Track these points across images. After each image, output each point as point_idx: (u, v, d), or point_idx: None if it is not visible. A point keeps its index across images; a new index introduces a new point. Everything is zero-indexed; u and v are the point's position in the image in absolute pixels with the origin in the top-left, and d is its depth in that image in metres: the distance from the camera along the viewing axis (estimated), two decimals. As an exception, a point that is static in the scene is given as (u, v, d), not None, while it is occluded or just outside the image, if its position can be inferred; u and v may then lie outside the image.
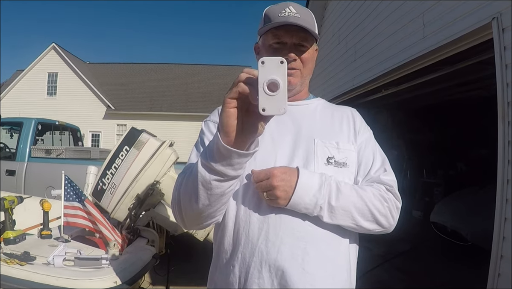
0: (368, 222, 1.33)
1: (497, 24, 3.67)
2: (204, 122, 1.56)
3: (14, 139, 7.61)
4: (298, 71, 1.46)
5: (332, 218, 1.29)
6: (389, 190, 1.39)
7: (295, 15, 1.39)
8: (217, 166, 1.09)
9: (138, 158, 3.07)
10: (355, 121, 1.53)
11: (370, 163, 1.45)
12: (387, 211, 1.36)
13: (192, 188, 1.18)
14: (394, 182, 1.43)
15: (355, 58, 7.75)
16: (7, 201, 2.71)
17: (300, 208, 1.27)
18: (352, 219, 1.31)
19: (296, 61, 1.43)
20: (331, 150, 1.40)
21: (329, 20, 9.90)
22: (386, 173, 1.44)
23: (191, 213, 1.26)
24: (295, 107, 1.50)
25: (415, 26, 5.30)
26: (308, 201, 1.26)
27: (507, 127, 3.57)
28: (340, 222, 1.30)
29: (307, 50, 1.45)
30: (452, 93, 8.09)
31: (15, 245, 2.55)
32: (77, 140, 9.46)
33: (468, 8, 4.16)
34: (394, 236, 4.87)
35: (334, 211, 1.28)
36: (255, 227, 1.31)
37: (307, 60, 1.46)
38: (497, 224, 3.58)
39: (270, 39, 1.44)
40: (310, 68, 1.51)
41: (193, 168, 1.19)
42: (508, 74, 3.57)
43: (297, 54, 1.43)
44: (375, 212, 1.33)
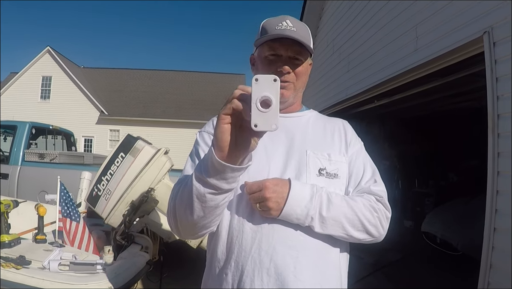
0: (359, 232, 1.36)
1: (488, 38, 3.73)
2: (198, 133, 1.58)
3: (8, 143, 7.60)
4: (292, 84, 1.47)
5: (323, 228, 1.31)
6: (379, 200, 1.42)
7: (292, 29, 1.42)
8: (211, 180, 1.12)
9: (133, 165, 3.09)
10: (346, 133, 1.56)
11: (360, 174, 1.47)
12: (377, 221, 1.38)
13: (187, 200, 1.21)
14: (384, 193, 1.45)
15: (348, 68, 7.81)
16: (3, 205, 2.73)
17: (292, 219, 1.30)
18: (343, 229, 1.33)
19: (290, 74, 1.45)
20: (322, 161, 1.42)
21: (323, 30, 9.97)
22: (377, 184, 1.46)
23: (186, 223, 1.29)
24: (288, 119, 1.52)
25: (408, 38, 5.36)
26: (300, 212, 1.29)
27: (497, 139, 3.63)
28: (331, 232, 1.33)
29: (301, 63, 1.47)
30: (444, 104, 8.15)
31: (10, 249, 2.56)
32: (71, 145, 9.44)
33: (460, 22, 4.23)
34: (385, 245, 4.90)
35: (325, 222, 1.31)
36: (248, 236, 1.33)
37: (301, 73, 1.48)
38: (487, 234, 3.63)
39: (266, 51, 1.46)
40: (303, 82, 1.53)
41: (188, 181, 1.22)
42: (499, 87, 3.63)
43: (291, 67, 1.45)
44: (365, 222, 1.35)
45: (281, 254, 1.30)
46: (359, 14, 7.31)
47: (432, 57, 4.69)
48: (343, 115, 8.61)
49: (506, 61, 3.53)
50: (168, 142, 18.84)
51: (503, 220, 3.47)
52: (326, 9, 9.89)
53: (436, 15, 4.72)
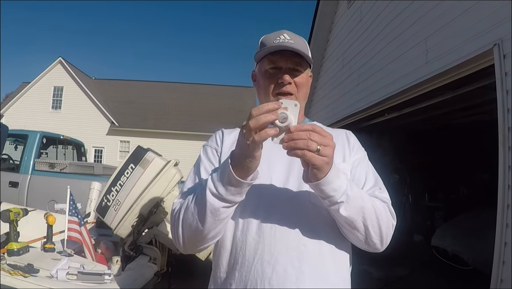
0: (372, 227, 1.29)
1: (498, 51, 3.73)
2: (202, 148, 1.60)
3: (19, 151, 7.66)
4: (293, 96, 1.47)
5: (347, 209, 1.23)
6: (386, 205, 1.39)
7: (289, 41, 1.44)
8: (227, 196, 1.19)
9: (143, 176, 3.10)
10: (349, 142, 1.55)
11: (362, 181, 1.45)
12: (388, 222, 1.34)
13: (199, 215, 1.25)
14: (389, 200, 1.41)
15: (358, 82, 7.81)
16: (12, 213, 2.75)
17: (328, 189, 1.20)
18: (363, 215, 1.26)
19: (291, 84, 1.45)
20: None
21: (333, 44, 10.00)
22: (381, 190, 1.43)
23: (194, 237, 1.32)
24: None
25: (418, 51, 5.36)
26: (339, 183, 1.20)
27: (508, 152, 3.61)
28: (353, 216, 1.25)
29: (301, 74, 1.48)
30: (454, 117, 8.11)
31: (18, 256, 2.57)
32: (81, 155, 9.50)
33: (470, 34, 4.23)
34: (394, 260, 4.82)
35: (350, 201, 1.23)
36: (251, 247, 1.33)
37: (302, 84, 1.48)
38: (497, 248, 3.60)
39: (266, 64, 1.48)
40: (304, 93, 1.52)
41: (198, 196, 1.26)
42: (509, 100, 3.62)
43: (292, 79, 1.45)
44: (380, 217, 1.30)
45: (283, 264, 1.30)
46: (369, 27, 7.33)
47: (443, 70, 4.68)
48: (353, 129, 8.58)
49: (517, 73, 3.52)
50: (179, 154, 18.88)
51: (514, 234, 3.44)
52: (336, 23, 9.94)
53: (446, 28, 4.72)
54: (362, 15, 7.82)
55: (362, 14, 7.79)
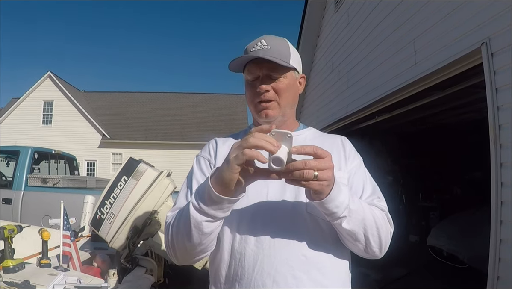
0: (372, 237, 1.31)
1: (486, 49, 3.76)
2: (196, 158, 1.60)
3: (11, 168, 7.62)
4: (274, 102, 1.46)
5: (349, 222, 1.24)
6: (384, 213, 1.39)
7: (265, 48, 1.42)
8: (209, 210, 1.19)
9: (136, 188, 3.09)
10: (345, 149, 1.53)
11: (360, 191, 1.43)
12: (387, 231, 1.35)
13: (184, 228, 1.26)
14: (386, 208, 1.42)
15: (348, 85, 7.85)
16: (6, 230, 2.72)
17: (331, 206, 1.20)
18: (364, 227, 1.28)
19: (269, 92, 1.44)
20: None
21: (322, 48, 10.04)
22: (379, 199, 1.43)
23: (184, 250, 1.34)
24: None
25: (406, 52, 5.40)
26: (342, 199, 1.20)
27: (499, 150, 3.64)
28: (354, 229, 1.26)
29: (279, 79, 1.44)
30: (445, 117, 8.17)
31: (14, 273, 2.55)
32: (73, 169, 9.46)
33: (457, 34, 4.27)
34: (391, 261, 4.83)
35: (352, 215, 1.24)
36: (250, 258, 1.33)
37: (282, 89, 1.45)
38: (493, 245, 3.62)
39: (247, 75, 1.48)
40: (288, 97, 1.49)
41: (184, 210, 1.27)
42: (499, 97, 3.65)
43: (269, 85, 1.44)
44: (380, 227, 1.32)
45: (283, 274, 1.29)
46: (357, 31, 7.37)
47: (431, 71, 4.71)
48: (345, 132, 8.66)
49: (505, 71, 3.55)
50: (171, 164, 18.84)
51: (509, 231, 3.46)
52: (324, 27, 9.98)
53: (433, 29, 4.75)
54: (349, 19, 7.86)
55: (350, 18, 7.84)
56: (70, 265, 3.03)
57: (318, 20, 10.22)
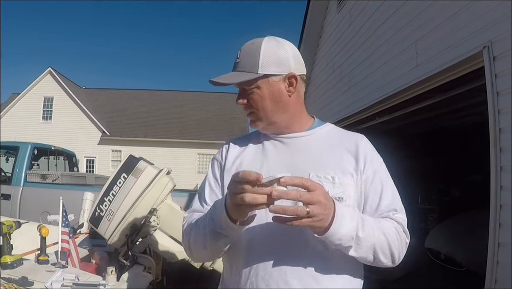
0: (384, 256, 1.31)
1: (488, 53, 3.75)
2: (211, 160, 1.64)
3: (10, 163, 7.61)
4: (253, 113, 1.46)
5: (357, 250, 1.24)
6: (400, 226, 1.38)
7: (237, 61, 1.44)
8: (226, 232, 1.27)
9: (135, 185, 3.09)
10: (358, 152, 1.46)
11: (376, 202, 1.40)
12: (400, 246, 1.34)
13: (203, 243, 1.37)
14: (403, 221, 1.40)
15: (349, 86, 7.84)
16: (5, 226, 2.72)
17: (334, 239, 1.20)
18: (374, 252, 1.27)
19: (246, 105, 1.46)
20: (325, 184, 1.34)
21: (324, 48, 10.03)
22: (397, 212, 1.40)
23: (201, 255, 1.51)
24: (293, 140, 1.50)
25: (408, 54, 5.39)
26: (344, 232, 1.19)
27: (499, 153, 3.64)
28: (363, 255, 1.27)
29: (252, 91, 1.43)
30: (445, 119, 8.16)
31: (12, 269, 2.55)
32: (73, 166, 9.45)
33: (459, 37, 4.26)
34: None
35: (360, 243, 1.23)
36: (251, 263, 1.37)
37: (257, 100, 1.43)
38: (491, 249, 3.62)
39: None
40: (268, 105, 1.45)
41: (201, 226, 1.37)
42: (500, 101, 3.64)
43: (243, 97, 1.46)
44: (392, 245, 1.31)
45: (275, 280, 1.33)
46: (359, 31, 7.37)
47: (433, 73, 4.70)
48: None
49: (506, 75, 3.55)
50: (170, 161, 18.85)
51: (507, 234, 3.46)
52: (326, 28, 9.98)
53: (435, 31, 4.75)
54: (351, 19, 7.86)
55: (352, 19, 7.83)
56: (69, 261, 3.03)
57: (320, 20, 10.21)
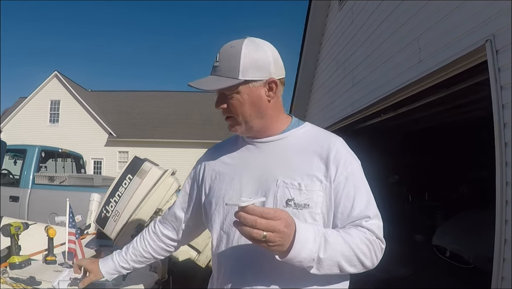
0: (353, 267, 1.30)
1: (490, 46, 3.73)
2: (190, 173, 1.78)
3: (18, 166, 7.67)
4: (232, 118, 1.47)
5: (319, 269, 1.24)
6: (373, 234, 1.35)
7: (216, 65, 1.44)
8: None
9: (141, 186, 3.11)
10: (329, 156, 1.42)
11: (348, 208, 1.37)
12: (372, 254, 1.33)
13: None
14: (378, 228, 1.37)
15: (353, 83, 7.83)
16: (13, 227, 2.75)
17: (294, 262, 1.21)
18: (338, 267, 1.27)
19: (225, 109, 1.47)
20: (292, 191, 1.37)
21: (327, 46, 10.03)
22: (371, 218, 1.36)
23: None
24: (267, 144, 1.51)
25: (411, 50, 5.38)
26: (304, 256, 1.20)
27: (504, 148, 3.61)
28: (326, 272, 1.26)
29: (231, 96, 1.43)
30: (451, 115, 8.13)
31: (20, 269, 2.57)
32: (80, 168, 9.51)
33: (461, 31, 4.25)
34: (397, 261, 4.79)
35: (322, 263, 1.23)
36: (227, 265, 1.46)
37: (235, 105, 1.44)
38: (497, 245, 3.59)
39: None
40: (247, 111, 1.45)
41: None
42: (504, 95, 3.62)
43: (222, 102, 1.47)
44: (361, 256, 1.30)
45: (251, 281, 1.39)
46: (361, 28, 7.36)
47: (436, 68, 4.69)
48: (350, 130, 8.66)
49: (509, 68, 3.53)
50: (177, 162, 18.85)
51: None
52: (328, 25, 9.97)
53: (437, 26, 4.73)
54: (353, 17, 7.85)
55: (354, 16, 7.83)
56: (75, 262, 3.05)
57: (323, 18, 10.21)
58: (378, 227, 1.37)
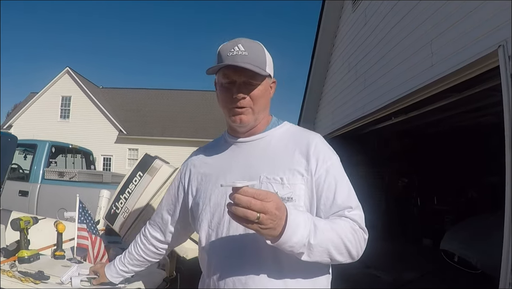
0: (341, 255, 1.33)
1: (503, 52, 3.70)
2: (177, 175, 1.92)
3: (28, 161, 7.73)
4: (249, 108, 1.48)
5: (310, 255, 1.26)
6: (356, 224, 1.39)
7: (243, 54, 1.42)
8: None
9: (151, 184, 3.12)
10: (308, 151, 1.48)
11: (330, 199, 1.42)
12: (357, 243, 1.36)
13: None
14: (360, 218, 1.41)
15: (365, 86, 7.80)
16: (22, 222, 2.78)
17: (285, 247, 1.22)
18: (328, 254, 1.30)
19: (245, 99, 1.46)
20: (275, 186, 1.41)
21: (339, 48, 10.01)
22: (353, 209, 1.41)
23: None
24: (248, 143, 1.58)
25: (423, 54, 5.35)
26: (296, 240, 1.21)
27: (515, 154, 3.58)
28: (317, 259, 1.29)
29: (256, 87, 1.46)
30: (462, 119, 8.10)
31: (29, 264, 2.60)
32: (90, 164, 9.57)
33: (474, 36, 4.21)
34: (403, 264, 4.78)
35: (312, 249, 1.25)
36: (217, 260, 1.50)
37: (257, 96, 1.48)
38: (505, 251, 3.55)
39: (221, 78, 1.49)
40: (262, 104, 1.52)
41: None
42: (515, 101, 3.59)
43: (246, 92, 1.46)
44: (348, 244, 1.33)
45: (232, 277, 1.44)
46: (374, 31, 7.34)
47: (448, 73, 4.66)
48: (361, 133, 8.64)
49: (521, 74, 3.49)
50: (186, 160, 18.76)
51: (522, 237, 3.41)
52: (341, 27, 9.95)
53: (450, 30, 4.71)
54: (367, 19, 7.83)
55: (367, 18, 7.80)
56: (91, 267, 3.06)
57: (336, 20, 10.19)
58: (360, 217, 1.41)
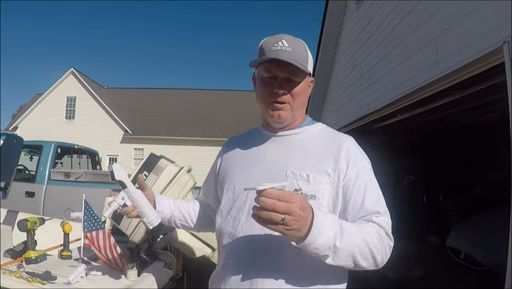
0: (365, 261, 1.30)
1: (508, 48, 3.68)
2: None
3: (34, 162, 7.76)
4: (288, 104, 1.48)
5: (335, 259, 1.24)
6: (382, 230, 1.37)
7: (287, 49, 1.42)
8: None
9: (156, 183, 3.13)
10: (340, 152, 1.46)
11: (359, 204, 1.39)
12: (383, 250, 1.34)
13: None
14: (387, 224, 1.39)
15: (369, 83, 7.79)
16: (29, 222, 2.79)
17: (310, 249, 1.19)
18: (353, 259, 1.27)
19: (286, 95, 1.46)
20: (300, 182, 1.41)
21: (343, 45, 10.00)
22: (381, 214, 1.38)
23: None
24: (280, 138, 1.58)
25: (428, 51, 5.34)
26: (321, 242, 1.18)
27: (520, 151, 3.56)
28: (342, 263, 1.26)
29: (297, 84, 1.47)
30: (467, 116, 8.07)
31: (36, 264, 2.61)
32: (95, 164, 9.59)
33: (479, 32, 4.20)
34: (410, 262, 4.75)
35: (338, 252, 1.22)
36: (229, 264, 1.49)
37: (298, 93, 1.48)
38: (511, 250, 3.55)
39: (263, 72, 1.49)
40: (301, 101, 1.52)
41: None
42: (520, 98, 3.57)
43: (287, 88, 1.46)
44: (374, 250, 1.30)
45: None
46: (378, 28, 7.32)
47: (453, 69, 4.64)
48: (365, 130, 8.62)
49: (527, 71, 3.48)
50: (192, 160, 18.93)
51: (528, 234, 3.40)
52: (345, 25, 9.94)
53: (455, 27, 4.69)
54: (370, 17, 7.81)
55: (371, 16, 7.79)
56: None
57: (340, 17, 10.18)
58: (388, 223, 1.39)
